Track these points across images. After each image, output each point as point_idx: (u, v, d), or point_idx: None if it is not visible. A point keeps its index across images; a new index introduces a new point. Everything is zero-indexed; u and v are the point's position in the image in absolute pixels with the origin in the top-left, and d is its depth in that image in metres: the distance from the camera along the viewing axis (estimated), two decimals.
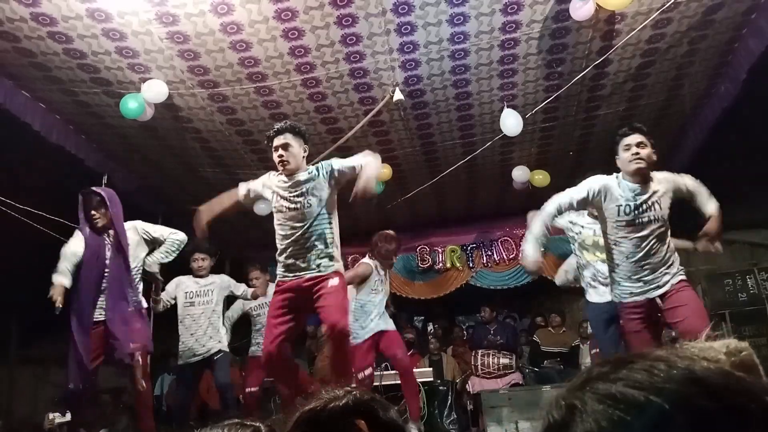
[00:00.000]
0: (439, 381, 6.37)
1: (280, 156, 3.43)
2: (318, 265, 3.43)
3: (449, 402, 6.18)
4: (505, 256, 7.96)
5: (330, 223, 3.50)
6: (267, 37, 3.98)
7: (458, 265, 8.03)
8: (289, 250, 3.44)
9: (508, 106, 4.94)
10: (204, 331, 4.85)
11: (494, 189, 7.00)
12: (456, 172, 6.00)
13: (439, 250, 8.10)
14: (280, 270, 3.51)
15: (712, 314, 6.70)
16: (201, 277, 5.00)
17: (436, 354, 7.16)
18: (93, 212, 3.89)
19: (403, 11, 3.85)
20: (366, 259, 5.04)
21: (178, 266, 4.90)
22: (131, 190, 5.91)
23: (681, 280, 3.31)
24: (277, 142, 3.45)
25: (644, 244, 3.27)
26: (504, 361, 6.75)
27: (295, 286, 3.44)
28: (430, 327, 8.22)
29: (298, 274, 3.44)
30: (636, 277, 3.30)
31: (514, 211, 7.86)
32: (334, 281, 3.43)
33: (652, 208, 3.27)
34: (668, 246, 3.35)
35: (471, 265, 8.05)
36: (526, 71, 4.62)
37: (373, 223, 7.68)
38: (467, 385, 6.79)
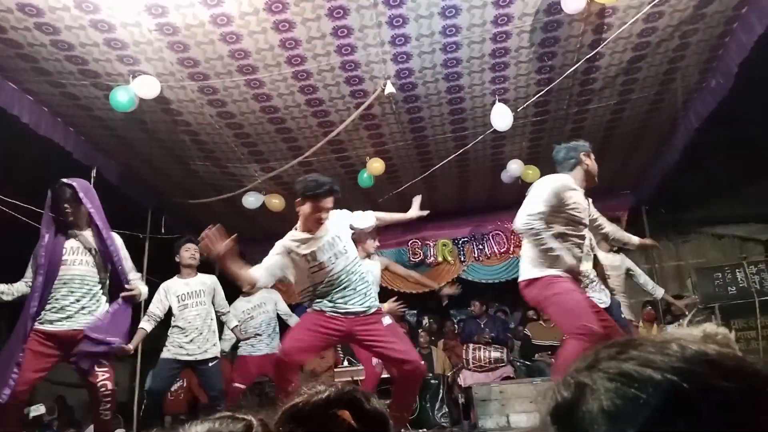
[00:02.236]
0: (430, 375, 6.39)
1: (324, 218, 3.48)
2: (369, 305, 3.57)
3: (440, 395, 6.21)
4: (496, 250, 7.98)
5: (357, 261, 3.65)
6: (257, 29, 3.95)
7: (450, 259, 8.04)
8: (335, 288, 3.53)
9: (499, 100, 4.94)
10: (200, 333, 4.75)
11: (486, 183, 7.00)
12: (448, 165, 5.99)
13: (431, 244, 8.10)
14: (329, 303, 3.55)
15: (701, 308, 6.76)
16: (190, 271, 4.89)
17: (426, 348, 7.17)
18: (65, 205, 3.61)
19: (394, 3, 3.83)
20: None
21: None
22: (120, 183, 5.87)
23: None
24: (327, 203, 3.45)
25: None
26: (495, 354, 6.78)
27: (347, 325, 3.52)
28: (425, 321, 8.24)
29: (348, 310, 3.51)
30: None
31: (505, 205, 7.88)
32: (386, 319, 3.59)
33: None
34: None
35: (462, 259, 8.06)
36: (518, 65, 4.61)
37: None
38: (458, 379, 6.81)
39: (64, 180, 3.66)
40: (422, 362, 3.55)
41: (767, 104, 5.02)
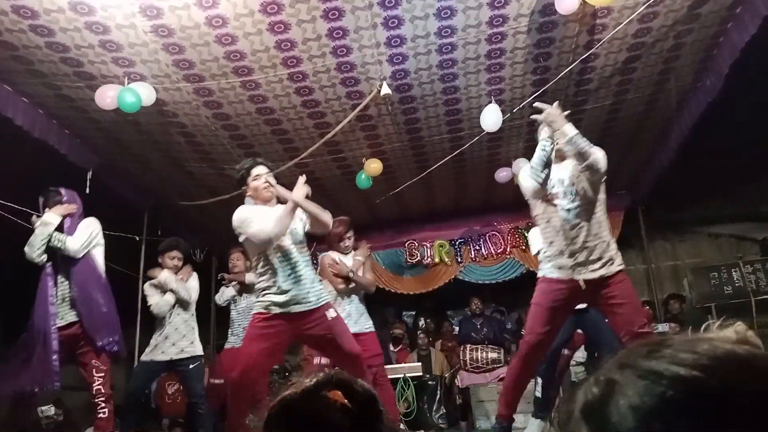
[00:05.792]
0: (428, 376, 6.39)
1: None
2: None
3: (438, 396, 6.21)
4: (493, 251, 7.98)
5: None
6: (253, 31, 3.94)
7: (446, 259, 8.04)
8: None
9: (495, 101, 4.94)
10: (179, 333, 4.82)
11: (482, 183, 7.01)
12: (444, 166, 5.99)
13: (428, 245, 8.10)
14: None
15: (698, 308, 6.77)
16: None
17: (424, 349, 7.18)
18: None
19: (390, 5, 3.83)
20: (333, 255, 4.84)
21: None
22: (116, 185, 5.86)
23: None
24: None
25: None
26: (492, 355, 6.78)
27: None
28: (422, 322, 8.23)
29: None
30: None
31: (501, 205, 7.89)
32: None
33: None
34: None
35: (459, 259, 8.07)
36: (513, 66, 4.62)
37: (361, 219, 7.69)
38: (456, 380, 6.81)
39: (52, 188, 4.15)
40: None
41: (761, 103, 5.03)
